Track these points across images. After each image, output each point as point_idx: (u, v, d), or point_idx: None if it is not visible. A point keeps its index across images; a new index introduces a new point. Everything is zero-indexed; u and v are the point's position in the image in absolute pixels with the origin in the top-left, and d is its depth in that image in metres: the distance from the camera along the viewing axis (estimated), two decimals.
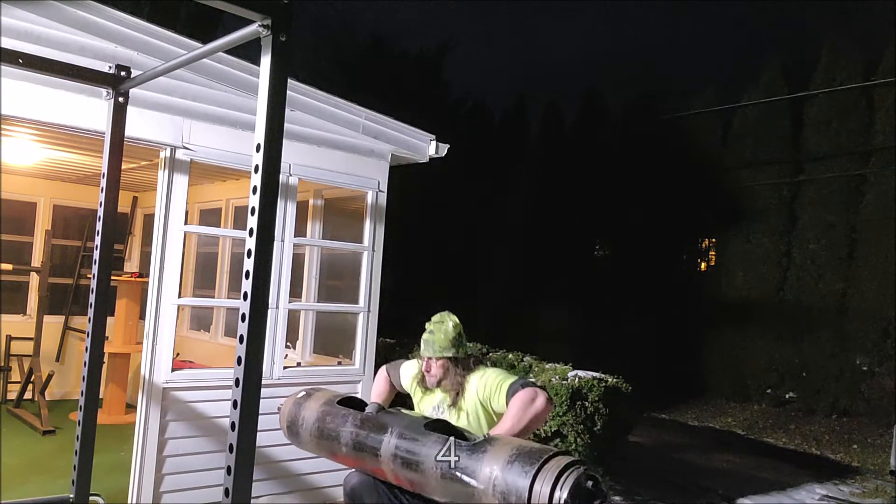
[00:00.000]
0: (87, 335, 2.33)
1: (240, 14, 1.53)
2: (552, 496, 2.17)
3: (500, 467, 2.29)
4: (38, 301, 6.44)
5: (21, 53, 2.20)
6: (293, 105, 4.43)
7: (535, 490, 2.19)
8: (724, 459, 7.54)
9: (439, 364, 3.00)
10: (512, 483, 2.24)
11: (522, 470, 2.23)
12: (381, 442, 2.67)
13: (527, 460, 2.26)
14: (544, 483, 2.19)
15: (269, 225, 1.52)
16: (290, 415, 3.19)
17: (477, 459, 2.36)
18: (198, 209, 6.61)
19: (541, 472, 2.21)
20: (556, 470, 2.20)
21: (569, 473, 2.20)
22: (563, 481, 2.18)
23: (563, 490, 2.16)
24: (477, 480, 2.33)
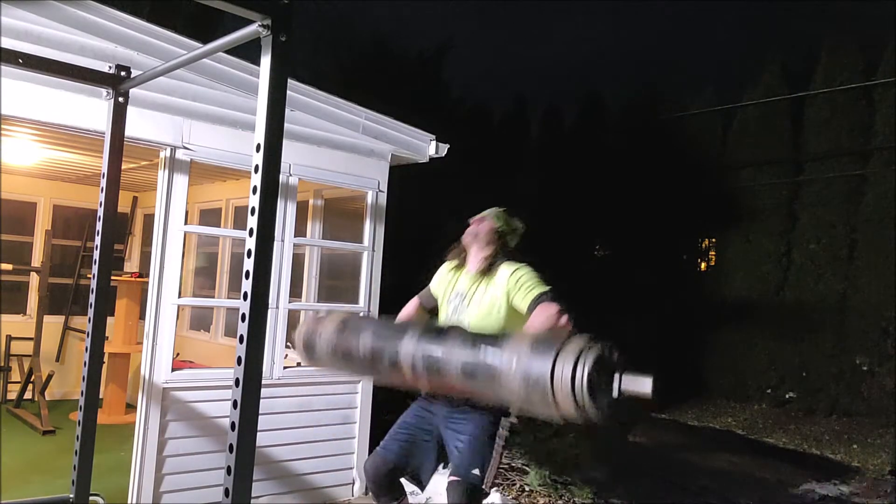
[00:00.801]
0: (87, 335, 2.33)
1: (240, 14, 1.53)
2: (574, 375, 2.17)
3: (522, 354, 2.30)
4: (38, 301, 6.44)
5: (21, 53, 2.19)
6: (293, 105, 4.43)
7: (556, 371, 2.19)
8: (724, 459, 7.54)
9: (490, 227, 3.03)
10: (535, 367, 2.23)
11: (543, 353, 2.23)
12: (401, 341, 2.71)
13: (547, 344, 2.26)
14: (565, 363, 2.19)
15: (269, 225, 1.52)
16: (306, 332, 3.19)
17: (497, 350, 2.37)
18: (198, 209, 6.61)
19: (561, 353, 2.21)
20: (576, 349, 2.19)
21: (589, 351, 2.19)
22: (583, 359, 2.17)
23: (584, 367, 2.15)
24: (499, 369, 2.34)
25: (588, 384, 2.11)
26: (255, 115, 1.54)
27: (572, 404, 2.15)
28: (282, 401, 4.41)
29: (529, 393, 2.24)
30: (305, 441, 4.54)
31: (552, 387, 2.17)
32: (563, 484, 4.99)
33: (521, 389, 2.28)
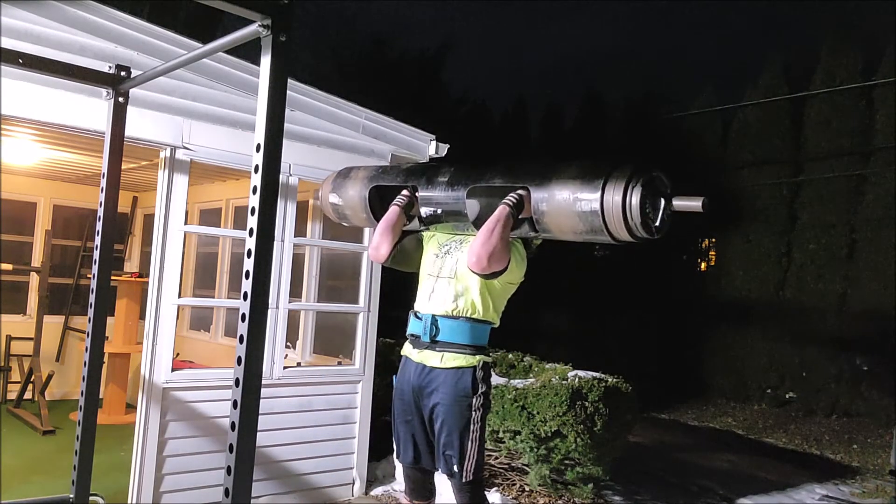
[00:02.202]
0: (87, 335, 2.33)
1: (240, 14, 1.53)
2: (625, 202, 2.20)
3: (574, 169, 2.35)
4: (38, 301, 6.44)
5: (21, 53, 2.19)
6: (293, 105, 4.43)
7: (606, 193, 2.23)
8: (724, 459, 7.54)
9: None
10: (585, 198, 2.27)
11: (591, 185, 2.27)
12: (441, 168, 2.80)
13: (592, 175, 2.29)
14: (615, 191, 2.22)
15: (269, 225, 1.52)
16: (336, 177, 3.28)
17: (545, 178, 2.41)
18: (198, 209, 6.61)
19: (611, 177, 2.24)
20: (625, 177, 2.22)
21: (640, 173, 2.23)
22: (632, 185, 2.21)
23: (634, 194, 2.20)
24: (551, 173, 2.39)
25: (640, 201, 2.18)
26: (255, 115, 1.54)
27: (625, 229, 2.22)
28: (282, 401, 4.41)
29: (579, 213, 2.29)
30: (305, 441, 4.54)
31: (602, 206, 2.23)
32: (563, 484, 4.99)
33: (569, 210, 2.31)
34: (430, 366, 2.83)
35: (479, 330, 2.83)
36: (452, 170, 2.79)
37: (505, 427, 4.81)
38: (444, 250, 2.97)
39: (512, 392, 4.79)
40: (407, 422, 2.94)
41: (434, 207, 2.85)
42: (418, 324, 2.88)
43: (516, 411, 4.69)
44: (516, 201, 2.53)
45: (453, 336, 2.80)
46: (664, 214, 2.28)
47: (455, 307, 2.81)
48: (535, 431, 4.61)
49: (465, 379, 2.76)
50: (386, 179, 3.04)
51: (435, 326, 2.81)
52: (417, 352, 2.89)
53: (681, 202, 2.26)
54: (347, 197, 3.20)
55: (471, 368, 2.77)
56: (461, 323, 2.80)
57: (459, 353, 2.79)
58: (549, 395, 4.60)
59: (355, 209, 3.20)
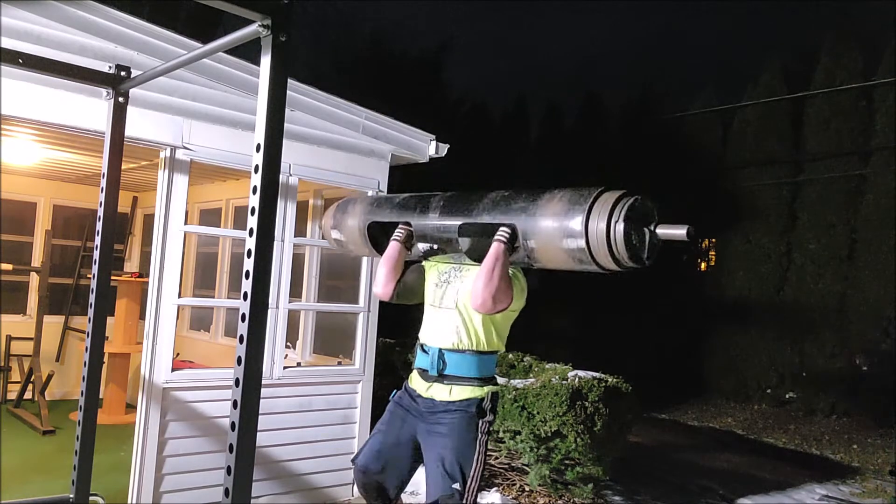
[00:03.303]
0: (87, 335, 2.33)
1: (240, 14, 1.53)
2: (609, 229, 2.22)
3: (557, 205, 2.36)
4: (38, 301, 6.44)
5: (21, 53, 2.20)
6: (293, 105, 4.43)
7: (590, 228, 2.24)
8: (724, 459, 7.54)
9: None
10: (568, 227, 2.29)
11: (574, 220, 2.29)
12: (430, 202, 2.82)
13: (577, 202, 2.31)
14: (599, 218, 2.23)
15: (269, 225, 1.53)
16: (335, 212, 3.30)
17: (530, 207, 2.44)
18: (198, 209, 6.61)
19: (594, 208, 2.26)
20: (608, 204, 2.24)
21: (622, 205, 2.24)
22: (616, 213, 2.22)
23: (618, 220, 2.21)
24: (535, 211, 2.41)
25: (623, 236, 2.19)
26: (255, 115, 1.54)
27: (609, 257, 2.24)
28: (282, 401, 4.41)
29: (566, 250, 2.31)
30: (305, 441, 4.54)
31: (588, 242, 2.24)
32: (563, 484, 4.99)
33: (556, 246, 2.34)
34: (440, 400, 2.82)
35: (486, 361, 2.85)
36: (442, 203, 2.81)
37: (505, 427, 4.81)
38: (443, 279, 2.97)
39: (512, 392, 4.79)
40: (393, 433, 2.89)
41: (429, 242, 2.88)
42: (425, 358, 2.88)
43: (516, 411, 4.69)
44: (509, 235, 2.53)
45: (460, 370, 2.81)
46: (651, 243, 2.28)
47: (459, 341, 2.80)
48: (535, 431, 4.61)
49: (472, 408, 2.77)
50: (382, 213, 3.07)
51: (442, 361, 2.82)
52: (426, 386, 2.86)
53: (665, 231, 2.27)
54: (348, 232, 3.24)
55: (480, 399, 2.78)
56: (467, 356, 2.80)
57: (467, 386, 2.80)
58: (549, 395, 4.60)
59: (357, 244, 3.24)
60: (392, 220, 3.01)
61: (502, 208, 2.55)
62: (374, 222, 3.09)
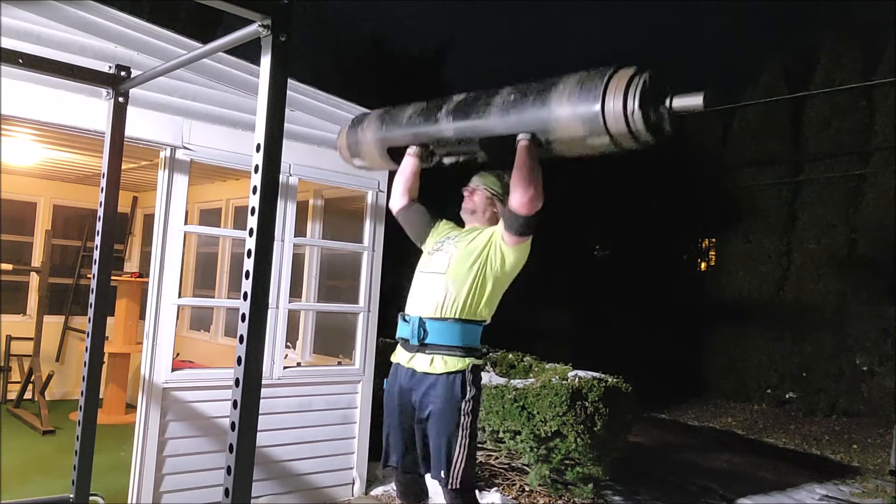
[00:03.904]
0: (87, 335, 2.33)
1: (240, 14, 1.53)
2: (626, 110, 2.21)
3: (569, 101, 2.34)
4: (38, 301, 6.44)
5: (21, 53, 2.20)
6: (293, 105, 4.43)
7: (607, 110, 2.23)
8: (724, 459, 7.54)
9: (484, 195, 2.99)
10: (584, 111, 2.28)
11: (590, 95, 2.28)
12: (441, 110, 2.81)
13: (591, 85, 2.30)
14: (614, 100, 2.22)
15: (269, 225, 1.52)
16: (348, 141, 3.33)
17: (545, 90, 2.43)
18: (198, 209, 6.61)
19: (608, 90, 2.24)
20: (623, 84, 2.23)
21: (636, 83, 2.22)
22: (631, 92, 2.21)
23: (633, 100, 2.20)
24: (549, 116, 2.40)
25: (641, 115, 2.19)
26: (255, 115, 1.54)
27: (629, 137, 2.25)
28: (282, 401, 4.41)
29: (585, 138, 2.31)
30: (305, 441, 4.54)
31: (607, 128, 2.25)
32: (563, 484, 4.99)
33: (573, 127, 2.33)
34: (421, 371, 2.78)
35: (469, 330, 2.79)
36: (452, 116, 2.77)
37: (505, 427, 4.81)
38: (436, 247, 2.96)
39: (512, 392, 4.79)
40: (395, 425, 2.91)
41: (446, 150, 2.90)
42: (406, 327, 2.85)
43: (516, 411, 4.69)
44: (532, 136, 2.54)
45: (442, 338, 2.76)
46: (667, 115, 2.28)
47: (442, 307, 2.76)
48: (535, 431, 4.61)
49: (455, 384, 2.72)
50: (394, 134, 3.07)
51: (423, 329, 2.77)
52: (408, 357, 2.85)
53: (681, 101, 2.26)
54: (367, 156, 3.27)
55: (461, 373, 2.73)
56: (449, 324, 2.75)
57: (450, 356, 2.75)
58: (549, 395, 4.60)
59: (381, 165, 3.34)
60: (406, 140, 3.02)
61: (515, 113, 2.54)
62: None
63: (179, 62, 2.22)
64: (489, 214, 2.99)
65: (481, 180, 3.03)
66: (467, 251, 2.84)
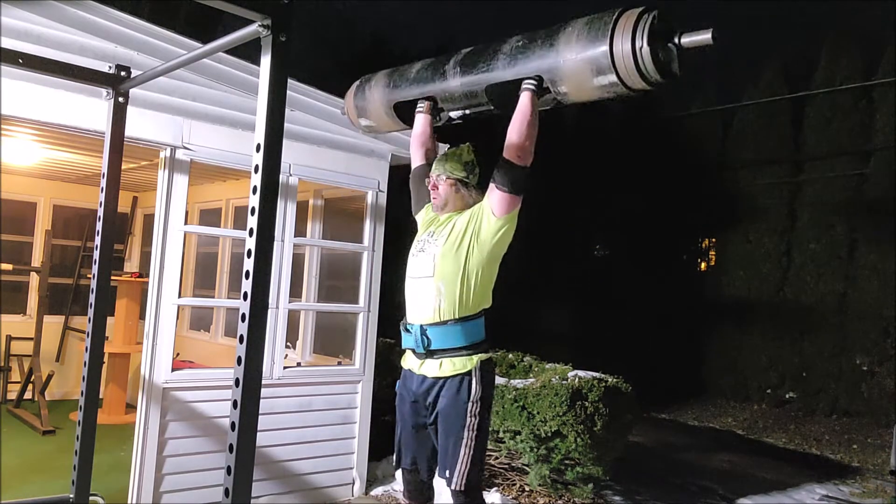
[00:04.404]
0: (87, 335, 2.33)
1: (240, 14, 1.53)
2: (635, 50, 2.19)
3: (577, 41, 2.33)
4: (38, 301, 6.44)
5: (21, 53, 2.20)
6: (293, 105, 4.43)
7: (615, 48, 2.22)
8: (724, 459, 7.54)
9: (448, 183, 2.92)
10: (592, 50, 2.27)
11: (598, 36, 2.27)
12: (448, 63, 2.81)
13: (600, 23, 2.29)
14: (623, 37, 2.21)
15: (269, 225, 1.52)
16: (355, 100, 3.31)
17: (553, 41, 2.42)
18: (198, 209, 6.61)
19: (616, 29, 2.24)
20: (631, 22, 2.21)
21: (645, 20, 2.21)
22: (640, 29, 2.20)
23: (643, 37, 2.19)
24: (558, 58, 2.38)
25: (651, 58, 2.18)
26: (255, 115, 1.54)
27: (638, 76, 2.23)
28: (282, 401, 4.41)
29: (596, 82, 2.30)
30: (305, 441, 4.54)
31: (616, 71, 2.24)
32: (563, 484, 4.98)
33: (582, 68, 2.32)
34: (432, 376, 2.78)
35: (472, 327, 2.76)
36: (459, 70, 2.76)
37: (505, 427, 4.81)
38: (418, 248, 2.93)
39: (512, 392, 4.79)
40: (407, 429, 2.92)
41: (456, 106, 2.89)
42: (409, 337, 2.83)
43: (516, 411, 4.69)
44: (537, 84, 2.52)
45: (447, 342, 2.74)
46: (678, 53, 2.27)
47: (439, 312, 2.74)
48: (535, 431, 4.61)
49: (462, 385, 2.72)
50: (402, 91, 3.05)
51: (426, 337, 2.76)
52: (418, 363, 2.84)
53: (690, 38, 2.24)
54: (375, 117, 3.26)
55: (469, 373, 2.72)
56: (450, 327, 2.73)
57: (457, 357, 2.74)
58: (549, 395, 4.60)
59: (389, 125, 3.31)
60: (413, 95, 3.01)
61: (523, 58, 2.53)
62: (399, 102, 3.10)
63: (179, 62, 2.22)
64: (458, 202, 2.91)
65: (440, 167, 2.95)
66: (449, 246, 2.80)
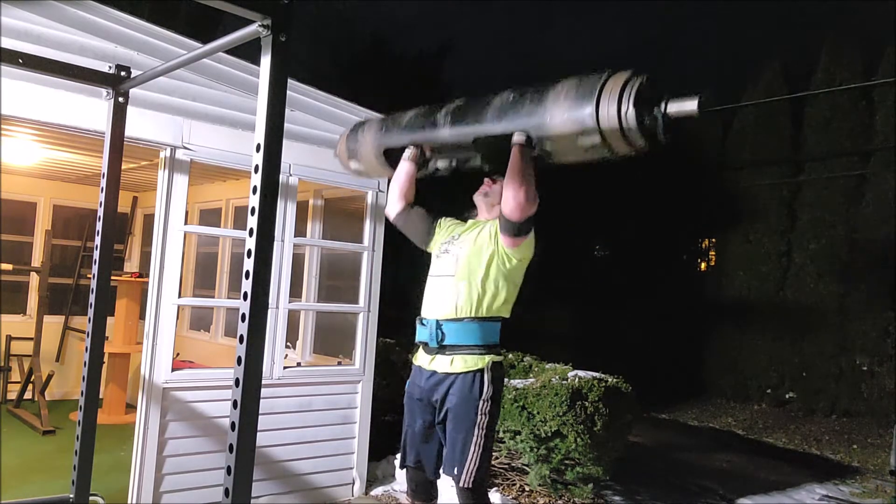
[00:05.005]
0: (87, 335, 2.33)
1: (240, 14, 1.53)
2: (619, 109, 2.21)
3: (565, 99, 2.35)
4: (38, 301, 6.44)
5: (21, 53, 2.20)
6: (293, 105, 4.43)
7: (601, 107, 2.24)
8: (724, 459, 7.54)
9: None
10: (578, 108, 2.29)
11: (585, 95, 2.29)
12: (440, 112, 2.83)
13: (588, 83, 2.31)
14: (609, 98, 2.23)
15: (269, 225, 1.52)
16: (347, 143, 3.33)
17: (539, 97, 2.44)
18: (198, 209, 6.61)
19: (604, 90, 2.25)
20: (619, 85, 2.23)
21: (632, 84, 2.23)
22: (627, 92, 2.21)
23: (628, 100, 2.20)
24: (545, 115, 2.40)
25: (636, 122, 2.19)
26: (255, 115, 1.54)
27: (622, 140, 2.24)
28: (282, 401, 4.41)
29: (580, 142, 2.31)
30: (305, 441, 4.54)
31: (599, 126, 2.24)
32: (563, 484, 4.99)
33: (567, 131, 2.33)
34: (442, 372, 2.79)
35: (488, 328, 2.78)
36: (450, 116, 2.79)
37: (505, 427, 4.81)
38: (442, 249, 2.97)
39: (512, 392, 4.79)
40: (414, 426, 2.93)
41: (443, 156, 2.90)
42: (424, 331, 2.85)
43: (516, 411, 4.69)
44: (527, 138, 2.51)
45: (460, 338, 2.76)
46: (664, 121, 2.28)
47: (457, 308, 2.76)
48: (535, 431, 4.61)
49: (473, 382, 2.73)
50: (392, 137, 3.07)
51: (440, 331, 2.78)
52: (428, 359, 2.85)
53: (676, 106, 2.26)
54: (365, 160, 3.26)
55: (479, 371, 2.74)
56: (466, 324, 2.75)
57: (469, 355, 2.75)
58: (549, 395, 4.60)
59: (377, 170, 3.30)
60: (403, 142, 3.01)
61: (512, 113, 2.54)
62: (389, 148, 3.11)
63: (179, 62, 2.22)
64: (495, 211, 2.94)
65: None
66: (474, 250, 2.84)
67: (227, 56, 4.11)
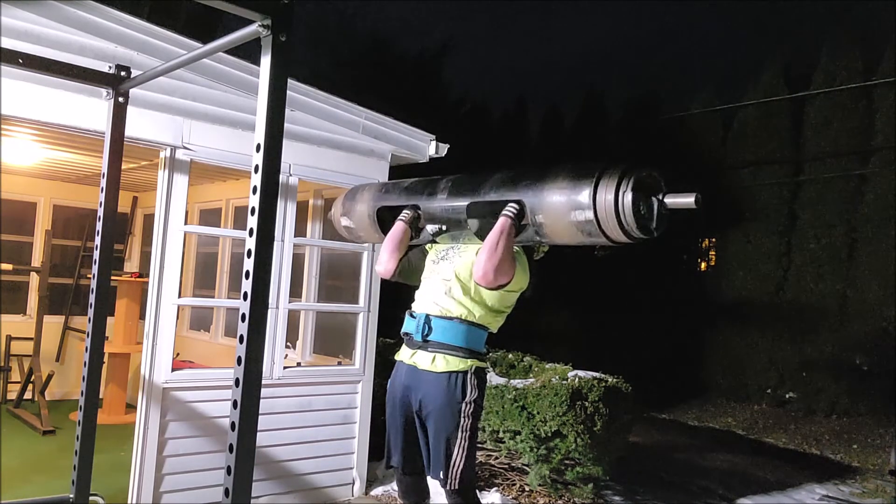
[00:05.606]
0: (87, 335, 2.33)
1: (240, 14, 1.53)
2: (617, 194, 2.22)
3: (561, 191, 2.36)
4: (38, 301, 6.44)
5: (21, 53, 2.20)
6: (293, 105, 4.43)
7: (598, 200, 2.24)
8: (724, 459, 7.54)
9: None
10: (576, 200, 2.30)
11: (584, 175, 2.31)
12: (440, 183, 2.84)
13: (584, 176, 2.32)
14: (607, 190, 2.24)
15: (269, 225, 1.53)
16: (344, 200, 3.36)
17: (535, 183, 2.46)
18: (198, 209, 6.61)
19: (600, 182, 2.26)
20: (615, 177, 2.24)
21: (629, 176, 2.24)
22: (624, 185, 2.22)
23: (626, 192, 2.21)
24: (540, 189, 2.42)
25: (632, 206, 2.20)
26: (255, 115, 1.54)
27: (618, 229, 2.24)
28: (282, 401, 4.41)
29: (575, 223, 2.31)
30: (305, 441, 4.54)
31: (596, 214, 2.25)
32: (563, 484, 4.99)
33: (565, 220, 2.34)
34: (422, 368, 2.78)
35: (474, 333, 2.78)
36: (450, 185, 2.81)
37: (505, 427, 4.81)
38: (441, 255, 2.97)
39: (512, 392, 4.79)
40: (397, 425, 2.92)
41: (437, 223, 2.88)
42: (412, 322, 2.85)
43: (516, 411, 4.69)
44: (516, 212, 2.50)
45: (446, 336, 2.75)
46: (659, 212, 2.28)
47: (449, 307, 2.76)
48: (535, 431, 4.61)
49: (456, 384, 2.72)
50: (390, 198, 3.10)
51: (428, 325, 2.77)
52: (410, 353, 2.85)
53: (673, 199, 2.27)
54: (357, 219, 3.27)
55: (462, 373, 2.72)
56: (455, 324, 2.75)
57: (452, 356, 2.74)
58: (549, 395, 4.60)
59: (367, 230, 3.27)
60: (400, 204, 3.02)
61: (509, 186, 2.55)
62: (384, 207, 3.10)
63: (179, 62, 2.22)
64: None
65: None
66: (471, 257, 2.83)
67: (227, 56, 4.11)
